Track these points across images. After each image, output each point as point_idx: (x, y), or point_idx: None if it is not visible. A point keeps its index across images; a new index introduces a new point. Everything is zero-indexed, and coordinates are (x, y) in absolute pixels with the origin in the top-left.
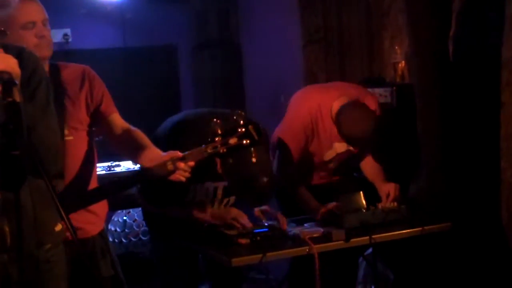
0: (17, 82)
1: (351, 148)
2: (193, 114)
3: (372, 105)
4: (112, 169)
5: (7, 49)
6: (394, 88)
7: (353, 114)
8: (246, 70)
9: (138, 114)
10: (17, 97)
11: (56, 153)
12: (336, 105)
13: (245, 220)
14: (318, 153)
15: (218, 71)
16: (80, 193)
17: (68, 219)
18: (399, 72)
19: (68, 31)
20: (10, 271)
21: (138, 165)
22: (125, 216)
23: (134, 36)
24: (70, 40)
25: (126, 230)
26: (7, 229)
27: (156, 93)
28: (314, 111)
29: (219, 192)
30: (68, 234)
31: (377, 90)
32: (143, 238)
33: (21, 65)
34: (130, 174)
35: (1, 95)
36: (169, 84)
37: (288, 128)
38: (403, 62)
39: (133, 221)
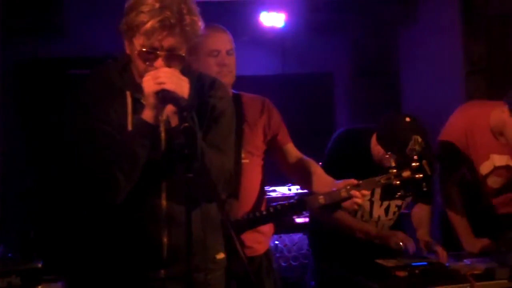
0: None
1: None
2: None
3: None
4: (268, 194)
5: (201, 78)
6: None
7: None
8: (403, 99)
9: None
10: (192, 122)
11: (228, 179)
12: (494, 114)
13: (411, 245)
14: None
15: (374, 99)
16: (253, 214)
17: (239, 239)
18: None
19: None
20: None
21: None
22: (277, 240)
23: (293, 63)
24: None
25: (277, 255)
26: (165, 241)
27: (311, 120)
28: (470, 123)
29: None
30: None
31: None
32: (293, 263)
33: (210, 92)
34: (297, 201)
35: (178, 120)
36: (325, 111)
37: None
38: None
39: (284, 246)
